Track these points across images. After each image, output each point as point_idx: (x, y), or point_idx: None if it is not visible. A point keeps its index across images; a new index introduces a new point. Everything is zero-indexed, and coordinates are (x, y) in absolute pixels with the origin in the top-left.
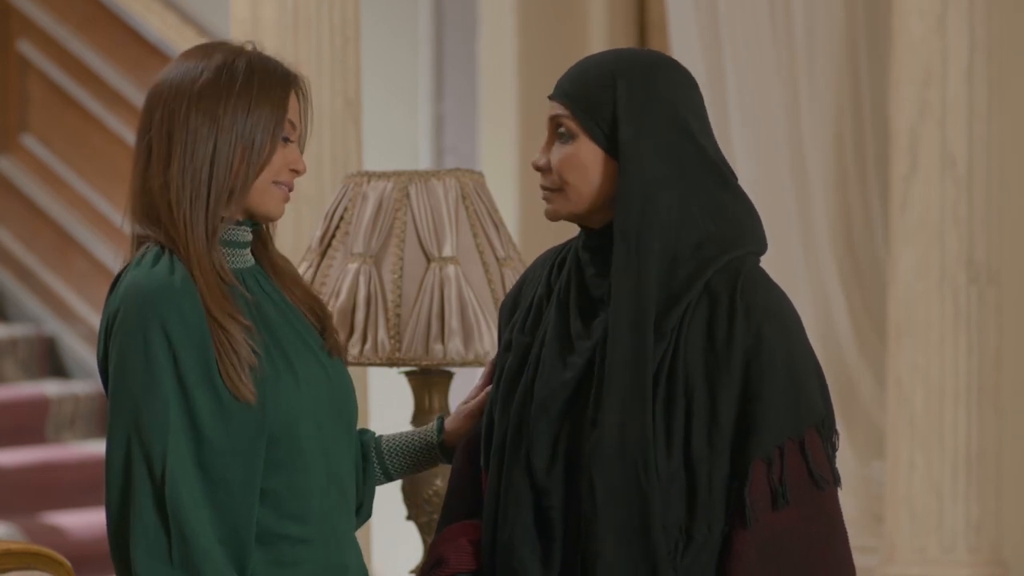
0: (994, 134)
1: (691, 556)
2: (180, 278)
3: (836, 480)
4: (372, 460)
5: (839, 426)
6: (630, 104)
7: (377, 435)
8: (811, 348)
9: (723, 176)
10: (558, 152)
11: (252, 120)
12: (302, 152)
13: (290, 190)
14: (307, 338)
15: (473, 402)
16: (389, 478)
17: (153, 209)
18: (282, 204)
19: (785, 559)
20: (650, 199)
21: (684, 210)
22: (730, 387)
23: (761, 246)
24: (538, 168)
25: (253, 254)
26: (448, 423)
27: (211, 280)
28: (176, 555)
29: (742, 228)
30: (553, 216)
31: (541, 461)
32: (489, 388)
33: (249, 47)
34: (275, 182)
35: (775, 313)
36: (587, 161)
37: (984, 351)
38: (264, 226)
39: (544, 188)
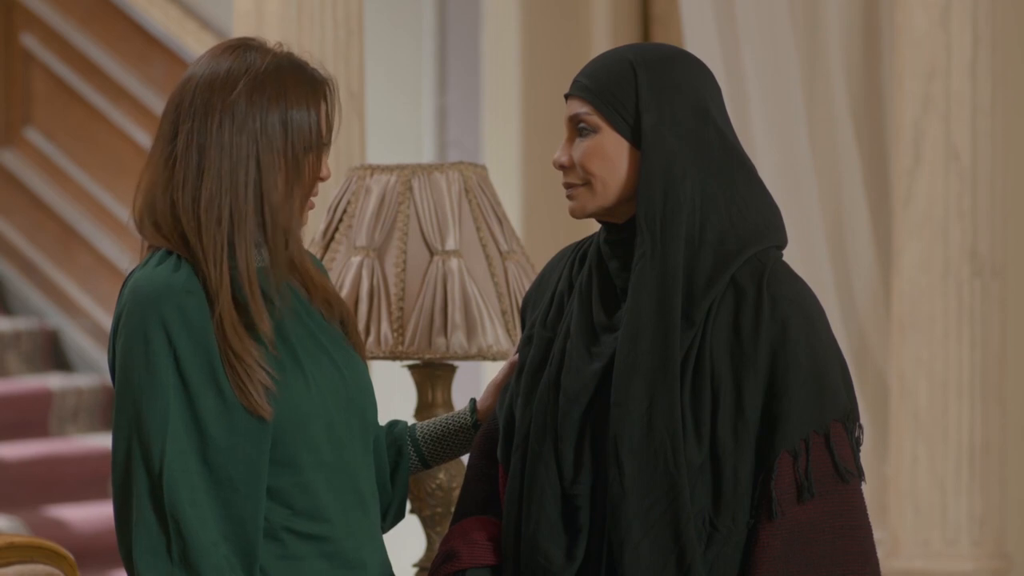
0: (998, 128)
1: (716, 548)
2: (184, 277)
3: (860, 473)
4: (407, 452)
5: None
6: (651, 92)
7: (410, 424)
8: (835, 342)
9: (745, 166)
10: (580, 147)
11: (293, 136)
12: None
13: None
14: (320, 337)
15: (502, 375)
16: (426, 466)
17: (177, 224)
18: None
19: (810, 551)
20: (673, 185)
21: (707, 197)
22: (756, 380)
23: (783, 240)
24: (561, 166)
25: None
26: (480, 402)
27: (228, 312)
28: (175, 552)
29: (764, 222)
30: (580, 213)
31: (570, 452)
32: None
33: (279, 48)
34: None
35: (800, 306)
36: (612, 152)
37: (988, 345)
38: None
39: (568, 186)
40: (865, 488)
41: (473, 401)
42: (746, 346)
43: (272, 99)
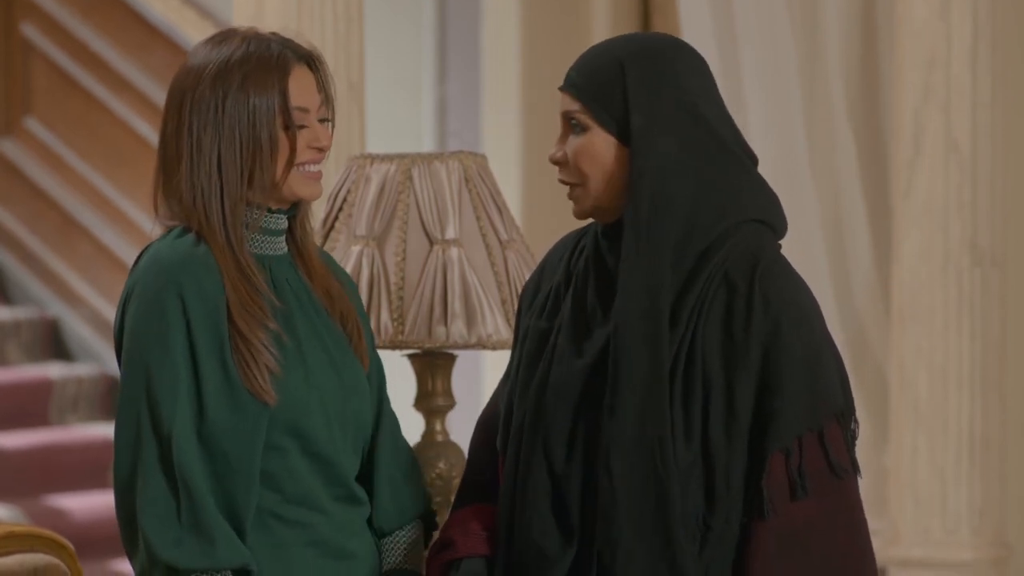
0: (998, 119)
1: (710, 547)
2: (203, 252)
3: (856, 469)
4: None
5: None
6: (640, 91)
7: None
8: (830, 338)
9: (739, 161)
10: (573, 144)
11: (251, 120)
12: (332, 121)
13: (317, 165)
14: (322, 332)
15: None
16: None
17: (184, 210)
18: (311, 185)
19: (804, 549)
20: (661, 186)
21: (697, 196)
22: (748, 378)
23: (773, 219)
24: (555, 162)
25: (287, 242)
26: None
27: (238, 283)
28: (185, 516)
29: (755, 205)
30: (580, 215)
31: (559, 449)
32: None
33: (252, 33)
34: (297, 165)
35: (794, 303)
36: (601, 151)
37: (987, 335)
38: (300, 215)
39: (566, 184)
40: (863, 480)
41: None
42: (738, 344)
43: (233, 88)
